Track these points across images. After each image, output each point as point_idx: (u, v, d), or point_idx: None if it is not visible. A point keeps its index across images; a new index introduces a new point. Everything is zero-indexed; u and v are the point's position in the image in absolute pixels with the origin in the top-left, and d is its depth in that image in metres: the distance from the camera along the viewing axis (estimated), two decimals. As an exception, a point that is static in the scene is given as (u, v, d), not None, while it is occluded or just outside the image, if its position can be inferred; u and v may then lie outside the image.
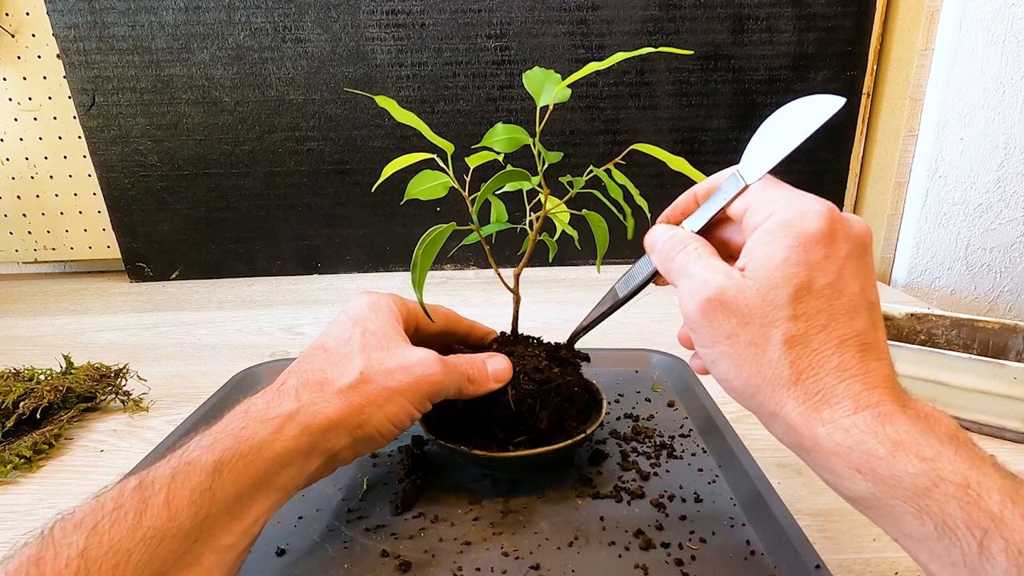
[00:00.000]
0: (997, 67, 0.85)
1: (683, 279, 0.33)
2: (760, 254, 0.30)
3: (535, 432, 0.43)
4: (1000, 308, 0.96)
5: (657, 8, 0.92)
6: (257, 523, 0.32)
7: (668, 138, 0.99)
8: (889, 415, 0.28)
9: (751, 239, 0.31)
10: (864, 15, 0.94)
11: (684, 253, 0.34)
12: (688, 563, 0.37)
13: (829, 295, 0.29)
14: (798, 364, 0.29)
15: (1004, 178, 0.90)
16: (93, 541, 0.26)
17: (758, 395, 0.30)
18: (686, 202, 0.38)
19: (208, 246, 1.02)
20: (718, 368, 0.32)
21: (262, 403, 0.35)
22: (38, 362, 0.63)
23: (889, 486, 0.26)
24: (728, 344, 0.31)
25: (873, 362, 0.29)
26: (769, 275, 0.30)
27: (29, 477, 0.50)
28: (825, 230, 0.29)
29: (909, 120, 0.92)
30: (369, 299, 0.42)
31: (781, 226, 0.30)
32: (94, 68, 0.91)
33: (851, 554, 0.40)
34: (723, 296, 0.30)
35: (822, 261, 0.29)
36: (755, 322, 0.30)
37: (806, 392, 0.29)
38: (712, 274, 0.31)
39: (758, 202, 0.32)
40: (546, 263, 0.39)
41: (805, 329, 0.29)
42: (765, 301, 0.30)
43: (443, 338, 0.47)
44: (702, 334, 0.32)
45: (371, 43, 0.93)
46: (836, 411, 0.28)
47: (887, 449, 0.26)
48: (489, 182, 0.40)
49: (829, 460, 0.28)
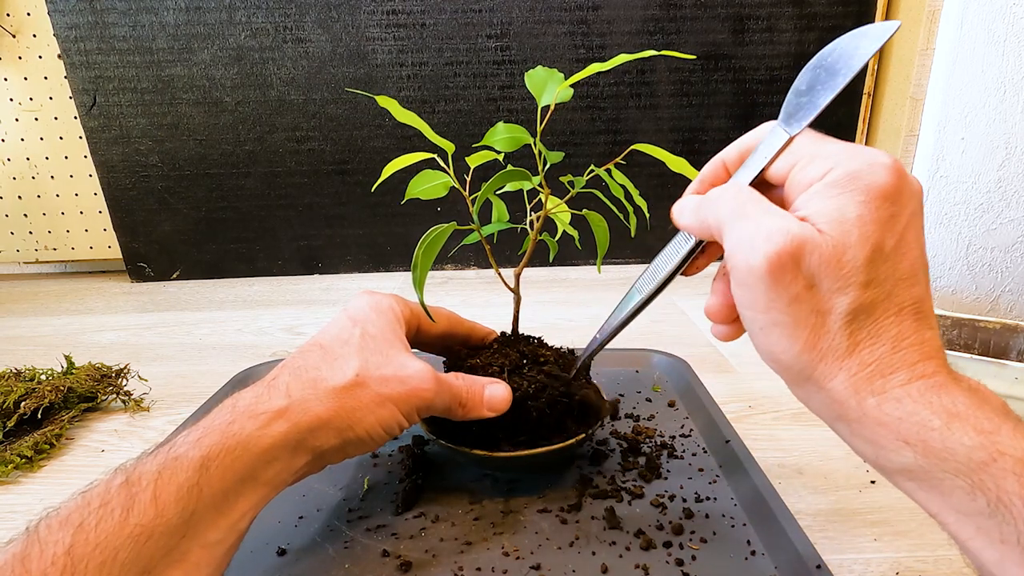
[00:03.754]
0: (998, 67, 0.85)
1: (737, 225, 0.28)
2: (828, 208, 0.26)
3: (535, 432, 0.43)
4: (1001, 308, 0.96)
5: (658, 8, 0.92)
6: (244, 518, 0.32)
7: (669, 138, 0.99)
8: (944, 386, 0.26)
9: (808, 193, 0.27)
10: (865, 15, 0.94)
11: (737, 193, 0.29)
12: (689, 563, 0.37)
13: (896, 259, 0.26)
14: (857, 335, 0.26)
15: (1005, 178, 0.90)
16: (79, 538, 0.26)
17: (806, 370, 0.27)
18: (714, 172, 0.33)
19: (209, 246, 1.02)
20: (768, 337, 0.28)
21: (251, 398, 0.35)
22: (39, 362, 0.63)
23: (940, 459, 0.24)
24: (788, 311, 0.27)
25: (928, 331, 0.27)
26: (844, 232, 0.26)
27: (30, 477, 0.50)
28: (895, 185, 0.26)
29: (910, 120, 0.92)
30: (372, 300, 0.42)
31: (848, 178, 0.26)
32: (95, 68, 0.91)
33: (852, 554, 0.40)
34: (802, 246, 0.26)
35: (890, 220, 0.26)
36: (824, 286, 0.26)
37: (860, 363, 0.26)
38: (785, 220, 0.27)
39: (810, 155, 0.28)
40: (547, 263, 0.39)
41: (873, 297, 0.26)
42: (841, 263, 0.26)
43: (444, 340, 0.47)
44: (758, 295, 0.27)
45: (372, 43, 0.93)
46: (889, 381, 0.26)
47: (942, 420, 0.25)
48: (490, 182, 0.40)
49: (874, 431, 0.26)
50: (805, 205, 0.27)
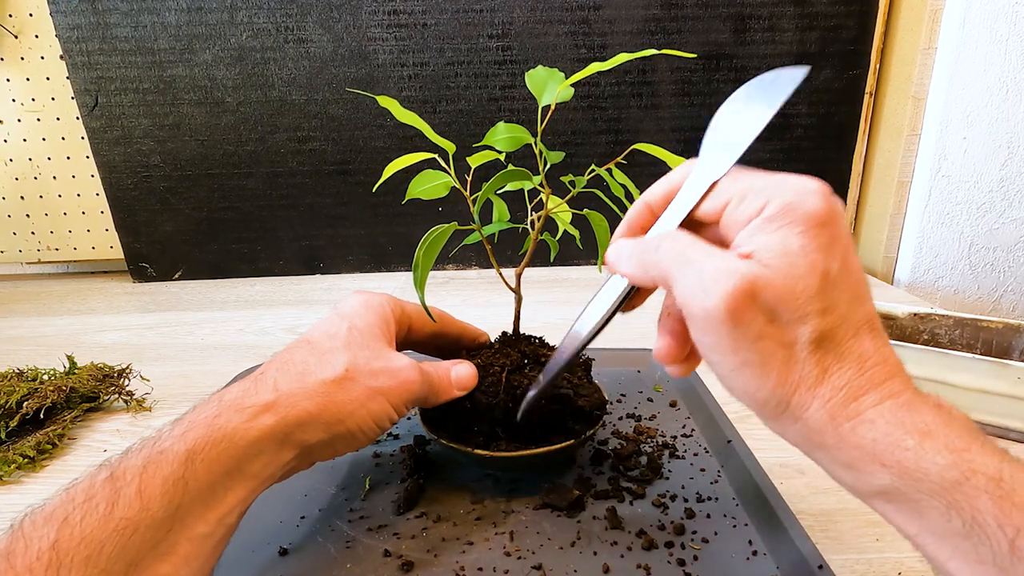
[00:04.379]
0: (1000, 66, 0.85)
1: (684, 271, 0.27)
2: (771, 242, 0.26)
3: (537, 432, 0.43)
4: (1004, 308, 0.96)
5: (659, 7, 0.92)
6: (232, 512, 0.32)
7: (670, 138, 0.99)
8: (912, 404, 0.26)
9: (747, 230, 0.28)
10: (867, 14, 0.93)
11: (674, 240, 0.29)
12: (690, 563, 0.37)
13: (843, 281, 0.27)
14: (824, 361, 0.26)
15: (1007, 177, 0.89)
16: (64, 533, 0.26)
17: (782, 404, 0.27)
18: (639, 216, 0.33)
19: (211, 246, 1.03)
20: (740, 378, 0.28)
21: (238, 392, 0.35)
22: (42, 362, 0.63)
23: (915, 479, 0.24)
24: (755, 349, 0.26)
25: (885, 347, 0.27)
26: (792, 263, 0.26)
27: (33, 477, 0.50)
28: (828, 210, 0.27)
29: (912, 119, 0.92)
30: (363, 298, 0.42)
31: (784, 211, 0.27)
32: (97, 69, 0.91)
33: (854, 554, 0.40)
34: (755, 285, 0.26)
35: (831, 245, 0.27)
36: (783, 319, 0.26)
37: (832, 389, 0.26)
38: (731, 261, 0.26)
39: (740, 192, 0.28)
40: (548, 263, 0.39)
41: (832, 322, 0.26)
42: (795, 293, 0.26)
43: (436, 340, 0.47)
44: (722, 339, 0.27)
45: (373, 43, 0.93)
46: (861, 403, 0.26)
47: (915, 440, 0.25)
48: (491, 181, 0.40)
49: (851, 455, 0.26)
50: (747, 242, 0.27)
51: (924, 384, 0.54)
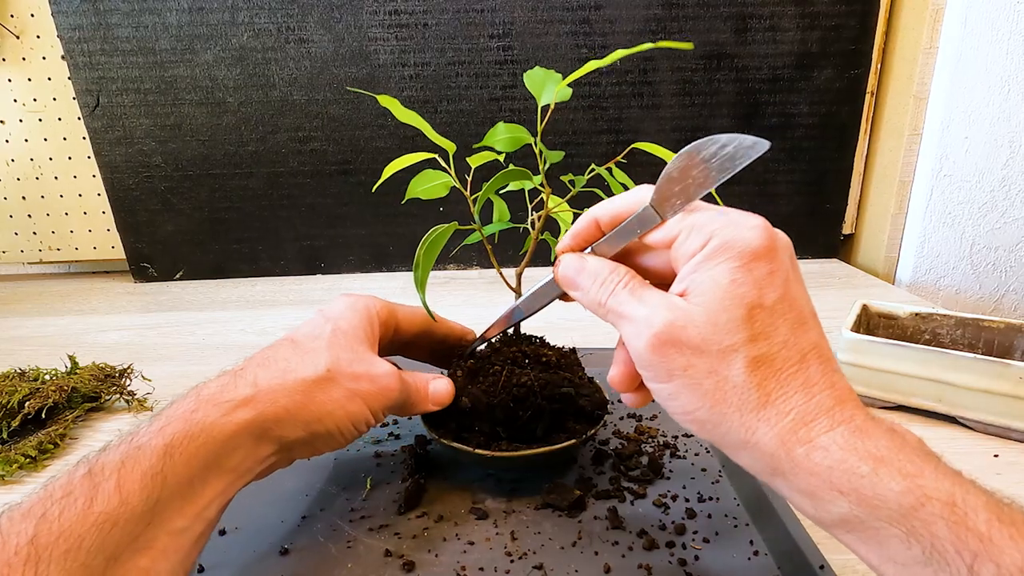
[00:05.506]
0: (1002, 65, 0.85)
1: (623, 323, 0.31)
2: (703, 279, 0.29)
3: (538, 432, 0.43)
4: (1005, 307, 0.96)
5: (660, 7, 0.92)
6: (211, 506, 0.32)
7: (671, 137, 0.98)
8: (864, 429, 0.26)
9: (688, 265, 0.30)
10: (868, 13, 0.93)
11: (615, 296, 0.32)
12: (691, 563, 0.37)
13: (782, 310, 0.28)
14: (765, 385, 0.28)
15: (1009, 177, 0.89)
16: (43, 528, 0.26)
17: (724, 424, 0.29)
18: (587, 228, 0.35)
19: (212, 246, 1.03)
20: (678, 402, 0.30)
21: (216, 387, 0.35)
22: (43, 362, 0.63)
23: (873, 507, 0.25)
24: (685, 377, 0.29)
25: (834, 374, 0.28)
26: (718, 299, 0.28)
27: (35, 477, 0.50)
28: (767, 245, 0.29)
29: (913, 119, 0.92)
30: (349, 300, 0.42)
31: (722, 248, 0.29)
32: (98, 69, 0.92)
33: (855, 554, 0.40)
34: (671, 330, 0.29)
35: (768, 276, 0.28)
36: (711, 349, 0.28)
37: (778, 413, 0.27)
38: (653, 309, 0.30)
39: (688, 227, 0.30)
40: (548, 263, 0.38)
41: (766, 349, 0.28)
42: (718, 326, 0.28)
43: (422, 340, 0.47)
44: (656, 371, 0.30)
45: (374, 43, 0.93)
46: (812, 429, 0.27)
47: (869, 466, 0.25)
48: (491, 181, 0.40)
49: (808, 482, 0.27)
50: (686, 277, 0.30)
51: (926, 384, 0.55)
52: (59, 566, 0.26)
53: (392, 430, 0.52)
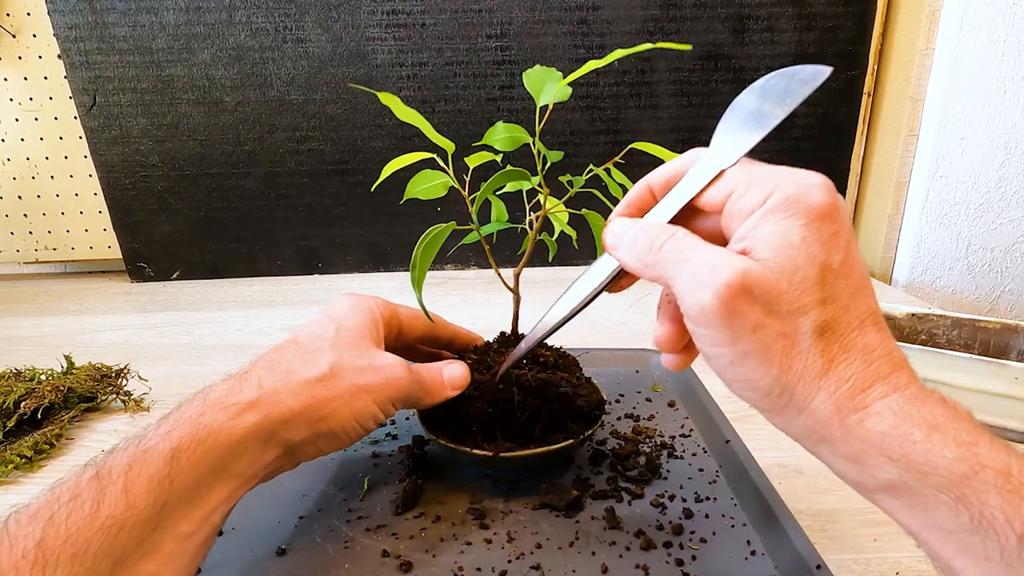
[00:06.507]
0: (998, 67, 0.85)
1: (682, 269, 0.28)
2: (770, 234, 0.27)
3: (535, 432, 0.43)
4: (1001, 308, 0.96)
5: (658, 8, 0.92)
6: (217, 511, 0.32)
7: (669, 138, 0.99)
8: (919, 397, 0.26)
9: (749, 221, 0.28)
10: (865, 15, 0.94)
11: (673, 240, 0.29)
12: (689, 563, 0.37)
13: (846, 273, 0.27)
14: (829, 351, 0.26)
15: (1005, 178, 0.90)
16: (50, 531, 0.26)
17: (786, 393, 0.27)
18: (640, 196, 0.33)
19: (209, 246, 1.02)
20: (741, 369, 0.28)
21: (222, 390, 0.35)
22: (39, 362, 0.63)
23: (923, 473, 0.24)
24: (754, 339, 0.26)
25: (890, 341, 0.27)
26: (790, 256, 0.26)
27: (30, 477, 0.50)
28: (832, 204, 0.27)
29: (910, 120, 0.92)
30: (352, 299, 0.42)
31: (788, 203, 0.27)
32: (95, 68, 0.91)
33: (852, 554, 0.40)
34: (747, 279, 0.26)
35: (833, 237, 0.27)
36: (782, 309, 0.26)
37: (838, 380, 0.26)
38: (724, 256, 0.27)
39: (745, 183, 0.29)
40: (546, 263, 0.39)
41: (834, 313, 0.26)
42: (792, 284, 0.26)
43: (427, 343, 0.47)
44: (721, 331, 0.27)
45: (372, 43, 0.93)
46: (868, 395, 0.26)
47: (923, 433, 0.24)
48: (489, 181, 0.40)
49: (857, 448, 0.26)
50: (749, 234, 0.28)
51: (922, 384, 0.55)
52: (66, 570, 0.26)
53: (390, 431, 0.52)
